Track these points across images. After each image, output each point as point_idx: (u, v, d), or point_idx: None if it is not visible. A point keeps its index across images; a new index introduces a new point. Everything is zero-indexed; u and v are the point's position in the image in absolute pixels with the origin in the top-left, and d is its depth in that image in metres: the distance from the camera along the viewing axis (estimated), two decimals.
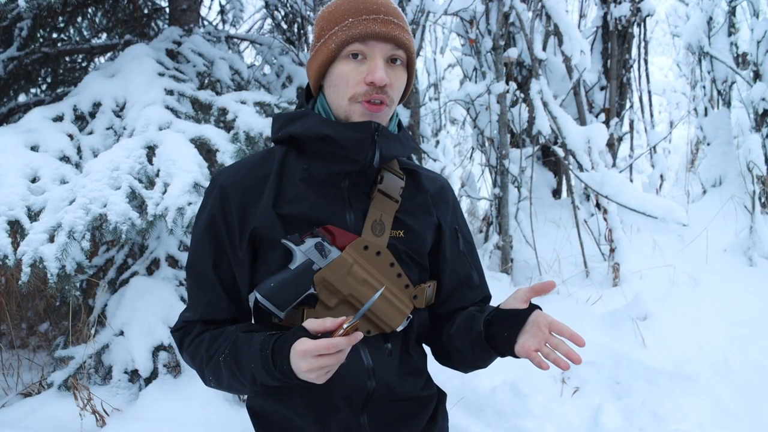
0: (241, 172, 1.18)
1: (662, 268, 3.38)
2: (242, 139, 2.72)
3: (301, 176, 1.15)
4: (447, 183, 1.32)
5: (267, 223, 1.12)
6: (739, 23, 4.73)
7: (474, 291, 1.29)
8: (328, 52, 1.11)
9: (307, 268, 1.10)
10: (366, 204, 1.16)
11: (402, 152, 1.17)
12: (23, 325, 3.79)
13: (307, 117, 1.14)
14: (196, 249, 1.18)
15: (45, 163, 2.56)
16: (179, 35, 3.70)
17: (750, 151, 4.00)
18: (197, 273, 1.17)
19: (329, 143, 1.11)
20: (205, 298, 1.17)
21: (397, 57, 1.12)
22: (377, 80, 1.08)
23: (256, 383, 1.06)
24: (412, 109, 4.30)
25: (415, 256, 1.20)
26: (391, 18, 1.11)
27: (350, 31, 1.09)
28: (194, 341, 1.16)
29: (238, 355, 1.07)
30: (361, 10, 1.10)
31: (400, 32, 1.11)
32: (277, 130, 1.19)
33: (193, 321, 1.18)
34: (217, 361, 1.10)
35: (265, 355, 1.02)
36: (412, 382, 1.22)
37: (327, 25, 1.13)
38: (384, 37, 1.09)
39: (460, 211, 1.33)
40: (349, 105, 1.11)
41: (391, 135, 1.15)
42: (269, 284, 1.10)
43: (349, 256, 1.12)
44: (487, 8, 3.84)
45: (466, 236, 1.31)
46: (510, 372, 2.71)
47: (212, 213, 1.16)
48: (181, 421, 2.39)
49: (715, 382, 2.54)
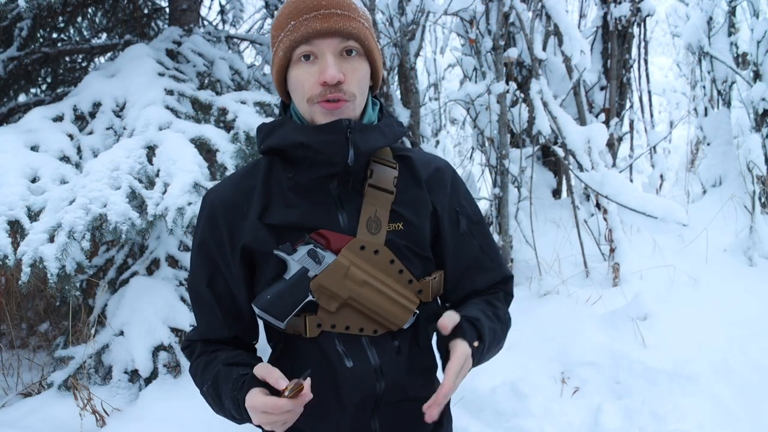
0: (228, 188, 1.17)
1: (662, 268, 3.37)
2: (242, 139, 2.72)
3: (288, 185, 1.13)
4: (444, 164, 1.25)
5: (256, 237, 1.11)
6: (739, 23, 4.73)
7: (487, 273, 1.23)
8: (279, 60, 1.10)
9: (302, 276, 1.09)
10: (359, 202, 1.13)
11: (383, 142, 1.13)
12: (23, 325, 3.79)
13: (283, 126, 1.12)
14: (192, 269, 1.20)
15: (45, 163, 2.56)
16: (179, 35, 3.70)
17: (750, 151, 3.99)
18: (195, 292, 1.19)
19: (306, 149, 1.09)
20: (204, 318, 1.19)
21: (350, 48, 1.08)
22: (328, 79, 1.04)
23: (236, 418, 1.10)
24: (412, 109, 4.30)
25: (416, 249, 1.16)
26: (333, 11, 1.07)
27: (293, 34, 1.07)
28: (193, 363, 1.20)
29: (219, 390, 1.10)
30: (301, 9, 1.07)
31: (345, 23, 1.07)
32: (260, 142, 1.17)
33: (194, 340, 1.22)
34: (204, 390, 1.15)
35: (235, 398, 1.05)
36: (422, 379, 1.20)
37: (275, 32, 1.12)
38: (327, 32, 1.05)
39: (464, 191, 1.26)
40: (309, 107, 1.09)
41: (368, 127, 1.10)
42: (266, 296, 1.09)
43: (345, 259, 1.09)
44: (487, 8, 3.84)
45: (471, 216, 1.25)
46: (510, 372, 2.71)
47: (203, 232, 1.17)
48: (181, 421, 2.39)
49: (715, 382, 2.54)
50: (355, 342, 1.13)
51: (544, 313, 3.19)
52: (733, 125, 4.57)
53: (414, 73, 4.38)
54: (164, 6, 4.62)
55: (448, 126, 7.42)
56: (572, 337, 2.89)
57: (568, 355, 2.80)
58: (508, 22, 3.86)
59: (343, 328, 1.12)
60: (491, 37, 3.83)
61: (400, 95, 4.50)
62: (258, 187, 1.14)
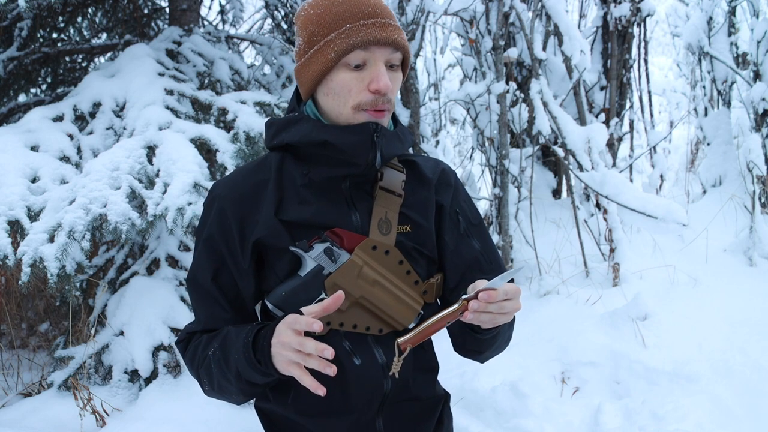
0: (237, 182, 1.16)
1: (662, 268, 3.37)
2: (242, 139, 2.72)
3: (301, 182, 1.13)
4: (447, 167, 1.29)
5: (271, 232, 1.11)
6: (739, 23, 4.73)
7: (486, 274, 1.23)
8: (327, 61, 1.07)
9: (318, 274, 1.09)
10: (370, 203, 1.15)
11: (402, 149, 1.16)
12: (23, 325, 3.79)
13: (302, 123, 1.12)
14: (197, 262, 1.18)
15: (45, 163, 2.57)
16: (179, 35, 3.71)
17: (750, 151, 3.99)
18: (197, 285, 1.17)
19: (328, 148, 1.09)
20: (207, 310, 1.16)
21: (395, 60, 1.10)
22: (382, 88, 1.06)
23: (240, 379, 1.05)
24: (412, 109, 4.30)
25: (423, 250, 1.18)
26: (387, 20, 1.08)
27: (350, 38, 1.05)
28: (193, 344, 1.16)
29: (227, 347, 1.06)
30: (357, 14, 1.06)
31: (398, 35, 1.09)
32: (271, 137, 1.16)
33: (195, 332, 1.19)
34: (208, 358, 1.09)
35: (247, 342, 1.02)
36: (425, 378, 1.22)
37: (319, 30, 1.08)
38: (384, 42, 1.06)
39: (464, 194, 1.29)
40: (353, 113, 1.09)
41: (390, 133, 1.13)
42: (280, 293, 1.09)
43: (359, 258, 1.11)
44: (487, 8, 3.84)
45: (471, 219, 1.27)
46: (510, 372, 2.71)
47: (210, 226, 1.15)
48: (181, 421, 2.38)
49: (715, 382, 2.54)
50: (361, 340, 1.14)
51: (544, 313, 3.19)
52: (733, 125, 4.57)
53: (414, 73, 4.38)
54: (164, 6, 4.62)
55: (448, 126, 7.42)
56: (572, 337, 2.89)
57: (568, 355, 2.80)
58: (508, 22, 3.86)
59: (350, 327, 1.12)
60: (491, 37, 3.83)
61: (400, 95, 4.50)
62: (271, 181, 1.14)
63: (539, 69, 3.82)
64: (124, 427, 2.36)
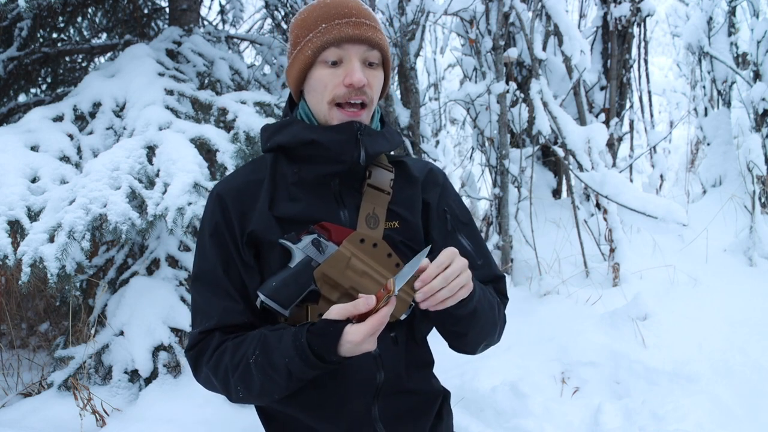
0: (237, 180, 1.23)
1: (662, 268, 3.37)
2: (242, 139, 2.72)
3: (292, 180, 1.19)
4: (436, 167, 1.34)
5: (264, 225, 1.15)
6: (739, 23, 4.73)
7: (476, 271, 1.24)
8: (305, 59, 1.15)
9: (307, 265, 1.12)
10: (358, 200, 1.19)
11: (388, 147, 1.21)
12: (23, 325, 3.79)
13: (292, 125, 1.19)
14: (204, 258, 1.19)
15: (45, 163, 2.57)
16: (179, 35, 3.71)
17: (750, 151, 3.99)
18: (209, 281, 1.17)
19: (316, 147, 1.15)
20: (221, 304, 1.16)
21: (372, 58, 1.16)
22: (356, 81, 1.12)
23: (291, 378, 1.05)
24: (412, 109, 4.30)
25: (411, 244, 1.22)
26: (363, 20, 1.15)
27: (324, 36, 1.13)
28: (215, 353, 1.13)
29: (270, 352, 1.06)
30: (333, 15, 1.14)
31: (372, 33, 1.15)
32: (266, 140, 1.23)
33: (209, 330, 1.16)
34: (246, 365, 1.08)
35: (301, 344, 1.02)
36: (420, 374, 1.24)
37: (301, 32, 1.16)
38: (357, 39, 1.13)
39: (453, 193, 1.34)
40: (329, 109, 1.15)
41: (375, 132, 1.19)
42: (271, 284, 1.12)
43: (347, 250, 1.14)
44: (487, 8, 3.84)
45: (460, 217, 1.31)
46: (510, 372, 2.71)
47: (215, 221, 1.19)
48: (181, 421, 2.38)
49: (715, 382, 2.54)
50: None
51: (544, 313, 3.19)
52: (733, 125, 4.57)
53: (414, 73, 4.38)
54: (164, 6, 4.62)
55: (448, 126, 7.42)
56: (572, 337, 2.89)
57: (568, 355, 2.80)
58: (508, 22, 3.86)
59: None
60: (491, 37, 3.83)
61: (400, 95, 4.50)
62: (266, 180, 1.20)
63: (539, 69, 3.82)
64: (124, 427, 2.36)
